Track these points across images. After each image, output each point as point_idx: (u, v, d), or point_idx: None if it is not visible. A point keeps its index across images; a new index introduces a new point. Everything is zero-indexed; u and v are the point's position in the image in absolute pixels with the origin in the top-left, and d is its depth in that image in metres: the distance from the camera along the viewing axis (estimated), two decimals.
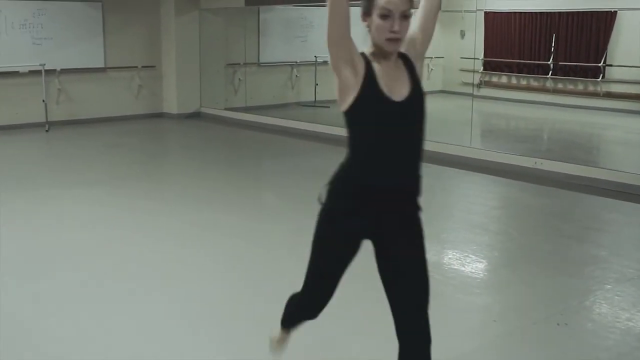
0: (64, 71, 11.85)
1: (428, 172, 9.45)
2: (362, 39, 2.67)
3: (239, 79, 13.67)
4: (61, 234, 5.97)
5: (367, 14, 2.59)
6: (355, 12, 2.53)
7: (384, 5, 2.52)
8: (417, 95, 2.61)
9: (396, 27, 2.52)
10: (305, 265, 2.87)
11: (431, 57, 16.35)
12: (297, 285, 4.51)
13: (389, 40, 2.55)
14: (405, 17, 2.54)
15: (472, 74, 14.51)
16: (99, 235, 5.91)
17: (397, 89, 2.57)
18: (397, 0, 2.51)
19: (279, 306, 3.18)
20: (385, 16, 2.53)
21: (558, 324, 4.19)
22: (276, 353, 3.31)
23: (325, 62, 13.97)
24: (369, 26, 2.60)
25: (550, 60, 14.71)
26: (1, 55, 11.13)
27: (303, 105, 14.18)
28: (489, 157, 8.90)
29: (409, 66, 2.66)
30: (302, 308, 3.02)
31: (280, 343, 3.25)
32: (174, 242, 5.77)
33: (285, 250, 5.53)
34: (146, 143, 11.28)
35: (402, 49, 2.64)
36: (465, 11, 15.68)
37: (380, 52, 2.60)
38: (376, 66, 2.58)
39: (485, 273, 5.30)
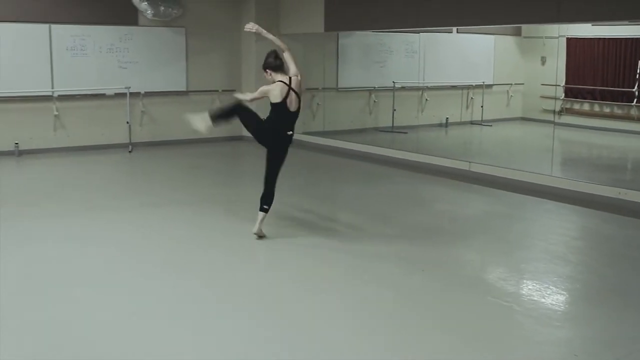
0: (148, 94, 12.23)
1: (507, 201, 9.19)
2: None
3: (317, 103, 13.80)
4: (148, 251, 6.13)
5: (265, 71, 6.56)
6: None
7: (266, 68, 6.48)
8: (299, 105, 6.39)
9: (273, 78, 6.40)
10: None
11: (511, 84, 16.16)
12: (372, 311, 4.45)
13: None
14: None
15: (553, 100, 14.25)
16: (182, 254, 6.06)
17: (293, 105, 6.40)
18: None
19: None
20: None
21: None
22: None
23: (403, 88, 13.99)
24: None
25: (635, 87, 14.31)
26: (90, 78, 11.59)
27: (381, 131, 14.18)
28: (570, 186, 8.70)
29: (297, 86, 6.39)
30: (269, 194, 6.60)
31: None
32: (256, 263, 5.84)
33: (367, 276, 5.55)
34: (225, 165, 11.48)
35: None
36: (546, 37, 15.45)
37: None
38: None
39: (567, 305, 5.15)
